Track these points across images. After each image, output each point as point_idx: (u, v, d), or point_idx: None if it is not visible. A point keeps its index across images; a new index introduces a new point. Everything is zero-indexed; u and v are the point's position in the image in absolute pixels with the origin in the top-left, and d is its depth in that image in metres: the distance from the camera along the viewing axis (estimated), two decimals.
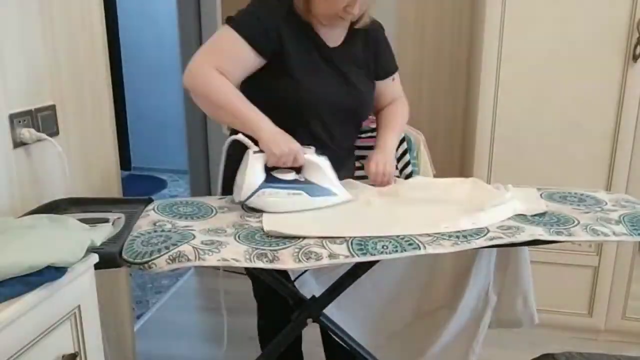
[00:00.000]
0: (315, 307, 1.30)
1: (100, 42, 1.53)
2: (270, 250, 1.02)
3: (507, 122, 2.01)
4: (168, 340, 2.22)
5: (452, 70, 2.38)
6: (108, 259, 1.00)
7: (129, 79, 4.48)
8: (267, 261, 1.00)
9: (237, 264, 0.99)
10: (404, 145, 1.95)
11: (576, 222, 1.14)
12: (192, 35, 2.65)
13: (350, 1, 1.25)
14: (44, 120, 1.32)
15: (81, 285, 0.94)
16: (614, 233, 1.11)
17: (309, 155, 1.24)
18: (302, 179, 1.24)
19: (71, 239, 0.94)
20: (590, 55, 1.90)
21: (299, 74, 1.30)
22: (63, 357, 0.91)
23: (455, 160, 2.45)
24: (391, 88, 1.49)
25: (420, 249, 1.03)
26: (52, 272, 0.86)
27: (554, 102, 1.97)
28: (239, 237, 1.08)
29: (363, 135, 2.17)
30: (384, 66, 1.46)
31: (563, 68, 1.94)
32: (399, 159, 1.94)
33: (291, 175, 1.24)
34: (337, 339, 1.37)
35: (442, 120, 2.44)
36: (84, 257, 0.93)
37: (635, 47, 1.85)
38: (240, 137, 1.22)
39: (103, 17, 1.54)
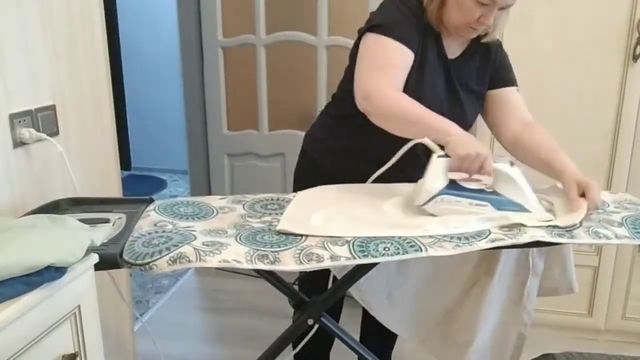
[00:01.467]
0: (316, 308, 1.30)
1: (100, 42, 1.53)
2: (272, 251, 1.02)
3: None
4: (168, 340, 2.22)
5: None
6: (109, 260, 1.00)
7: (129, 79, 4.48)
8: (268, 262, 1.00)
9: (238, 266, 0.99)
10: None
11: (578, 223, 1.14)
12: (192, 35, 2.65)
13: (486, 12, 1.22)
14: (44, 120, 1.31)
15: (81, 285, 0.94)
16: (616, 236, 1.10)
17: (500, 165, 1.12)
18: (490, 190, 1.13)
19: (71, 239, 0.94)
20: (590, 55, 1.90)
21: (419, 86, 1.28)
22: (63, 357, 0.91)
23: None
24: (519, 102, 1.40)
25: (421, 250, 1.03)
26: (52, 272, 0.86)
27: (554, 102, 1.97)
28: (240, 238, 1.08)
29: None
30: (504, 75, 1.40)
31: (563, 68, 1.94)
32: None
33: (477, 185, 1.14)
34: (338, 339, 1.37)
35: None
36: (84, 257, 0.93)
37: (635, 47, 1.85)
38: (426, 140, 1.13)
39: (103, 17, 1.53)
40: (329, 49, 2.35)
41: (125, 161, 4.56)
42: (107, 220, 1.16)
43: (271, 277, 1.29)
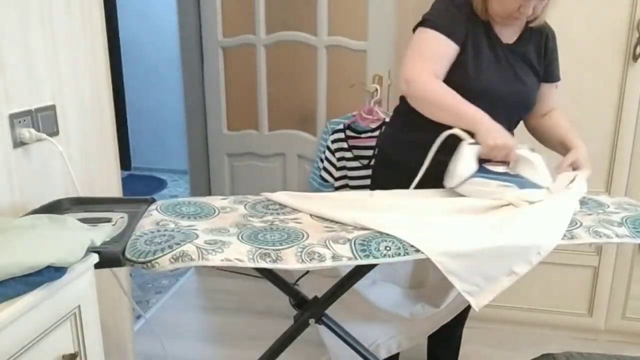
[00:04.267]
0: (317, 308, 1.30)
1: (100, 42, 1.53)
2: (274, 249, 1.02)
3: None
4: (168, 340, 2.22)
5: None
6: (111, 258, 1.00)
7: (129, 79, 4.48)
8: (270, 261, 1.00)
9: (240, 264, 0.99)
10: None
11: (579, 224, 1.14)
12: (192, 36, 2.64)
13: (524, 2, 1.31)
14: (44, 120, 1.31)
15: (81, 285, 0.94)
16: (616, 235, 1.11)
17: (522, 151, 1.26)
18: (513, 173, 1.26)
19: (71, 239, 0.94)
20: (590, 55, 1.90)
21: (471, 66, 1.37)
22: (63, 357, 0.91)
23: None
24: (554, 95, 1.55)
25: (421, 251, 1.03)
26: (52, 272, 0.86)
27: None
28: (242, 236, 1.07)
29: (363, 135, 2.17)
30: (552, 70, 1.53)
31: (563, 68, 1.93)
32: None
33: (502, 168, 1.27)
34: (340, 339, 1.37)
35: None
36: (84, 257, 0.93)
37: (635, 47, 1.85)
38: (457, 130, 1.26)
39: (103, 17, 1.53)
40: (329, 49, 2.35)
41: (125, 161, 4.56)
42: (109, 220, 1.16)
43: (272, 276, 1.29)
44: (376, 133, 2.13)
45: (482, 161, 1.27)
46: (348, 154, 2.15)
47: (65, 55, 1.39)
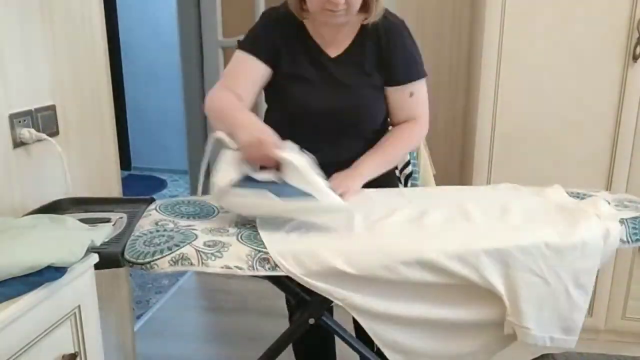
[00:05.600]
0: (317, 308, 1.30)
1: (100, 42, 1.53)
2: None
3: (507, 122, 2.01)
4: (168, 340, 2.22)
5: (452, 70, 2.38)
6: (110, 259, 1.00)
7: (129, 79, 4.48)
8: (269, 268, 1.00)
9: (240, 273, 1.00)
10: None
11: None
12: (192, 36, 2.65)
13: None
14: (44, 120, 1.31)
15: (81, 285, 0.94)
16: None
17: (286, 153, 1.07)
18: (279, 180, 1.08)
19: (71, 239, 0.94)
20: (590, 55, 1.90)
21: (290, 87, 1.33)
22: (63, 357, 0.91)
23: (455, 160, 2.45)
24: (406, 103, 1.38)
25: None
26: (52, 272, 0.86)
27: (553, 101, 1.97)
28: (241, 237, 1.07)
29: None
30: (395, 72, 1.35)
31: (563, 68, 1.94)
32: None
33: (267, 176, 1.09)
34: (339, 338, 1.36)
35: (442, 120, 2.44)
36: (84, 257, 0.93)
37: (635, 47, 1.85)
38: (220, 134, 1.12)
39: (103, 18, 1.53)
40: None
41: (125, 161, 4.55)
42: (108, 220, 1.16)
43: (272, 276, 1.29)
44: None
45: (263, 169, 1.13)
46: None
47: (65, 55, 1.39)
